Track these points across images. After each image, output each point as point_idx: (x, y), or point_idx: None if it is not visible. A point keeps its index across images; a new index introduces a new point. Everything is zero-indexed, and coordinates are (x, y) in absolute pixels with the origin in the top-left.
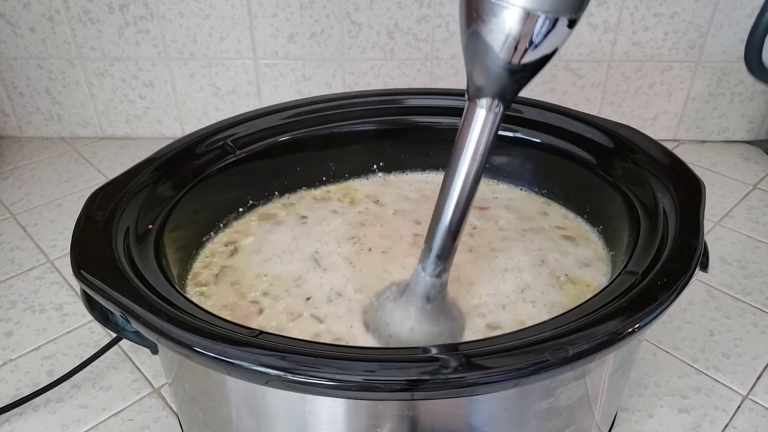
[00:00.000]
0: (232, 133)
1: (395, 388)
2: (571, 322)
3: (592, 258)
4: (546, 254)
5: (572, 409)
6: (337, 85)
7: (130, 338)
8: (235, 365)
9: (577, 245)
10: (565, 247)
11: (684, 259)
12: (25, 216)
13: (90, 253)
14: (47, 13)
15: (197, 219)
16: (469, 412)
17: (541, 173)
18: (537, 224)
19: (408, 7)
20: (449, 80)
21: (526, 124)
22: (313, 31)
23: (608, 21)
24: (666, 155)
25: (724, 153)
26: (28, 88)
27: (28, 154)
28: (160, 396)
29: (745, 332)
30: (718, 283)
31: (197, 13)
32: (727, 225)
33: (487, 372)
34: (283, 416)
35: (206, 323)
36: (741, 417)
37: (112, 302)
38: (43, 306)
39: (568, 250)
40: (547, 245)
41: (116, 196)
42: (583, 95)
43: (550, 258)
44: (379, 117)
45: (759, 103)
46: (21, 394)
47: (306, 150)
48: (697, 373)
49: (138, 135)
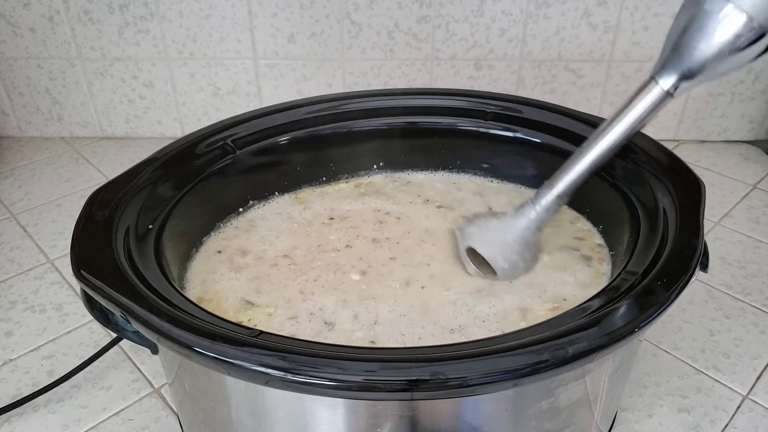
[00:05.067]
0: (232, 133)
1: (395, 388)
2: (571, 322)
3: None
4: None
5: (572, 409)
6: (337, 85)
7: (130, 338)
8: (235, 365)
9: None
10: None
11: (684, 259)
12: (25, 216)
13: (90, 253)
14: (47, 13)
15: (197, 219)
16: (469, 412)
17: (541, 173)
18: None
19: (408, 7)
20: (449, 80)
21: (526, 124)
22: (313, 31)
23: (608, 21)
24: (666, 155)
25: (724, 153)
26: (28, 88)
27: (28, 154)
28: (160, 396)
29: (745, 332)
30: (718, 283)
31: (197, 13)
32: (727, 225)
33: (487, 372)
34: (283, 416)
35: (206, 323)
36: (741, 417)
37: (112, 302)
38: (43, 306)
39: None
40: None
41: (116, 196)
42: (583, 95)
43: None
44: (379, 117)
45: (759, 103)
46: (21, 394)
47: (306, 150)
48: (697, 373)
49: (138, 135)
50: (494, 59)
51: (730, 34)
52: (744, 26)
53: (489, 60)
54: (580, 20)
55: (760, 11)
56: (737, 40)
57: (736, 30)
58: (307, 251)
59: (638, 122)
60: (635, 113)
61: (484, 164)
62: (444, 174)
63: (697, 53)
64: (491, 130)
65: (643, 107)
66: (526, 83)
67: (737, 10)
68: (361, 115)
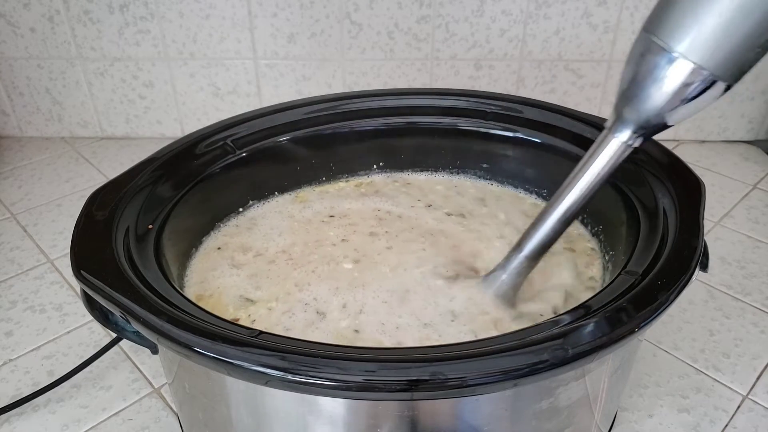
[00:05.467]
0: (232, 133)
1: (395, 388)
2: (571, 322)
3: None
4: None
5: (572, 409)
6: (337, 85)
7: (130, 338)
8: (234, 365)
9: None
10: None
11: (684, 259)
12: (25, 216)
13: (90, 253)
14: (47, 13)
15: (197, 219)
16: (469, 412)
17: (541, 173)
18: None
19: (408, 7)
20: (449, 80)
21: (526, 124)
22: (313, 31)
23: (608, 21)
24: (666, 155)
25: (724, 153)
26: (28, 88)
27: (28, 154)
28: (160, 396)
29: (745, 332)
30: (718, 283)
31: (197, 13)
32: (727, 225)
33: (487, 372)
34: (283, 416)
35: (206, 323)
36: (741, 417)
37: (112, 302)
38: (43, 306)
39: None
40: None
41: (116, 196)
42: (583, 95)
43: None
44: (379, 117)
45: (759, 103)
46: (21, 394)
47: (306, 150)
48: (697, 373)
49: (138, 135)
50: (494, 59)
51: (679, 84)
52: (692, 75)
53: (489, 60)
54: (580, 20)
55: (708, 60)
56: (687, 89)
57: (685, 79)
58: (304, 246)
59: (601, 176)
60: (596, 168)
61: (484, 164)
62: (444, 175)
63: (649, 104)
64: (491, 130)
65: (603, 162)
66: (526, 83)
67: (684, 60)
68: (361, 115)
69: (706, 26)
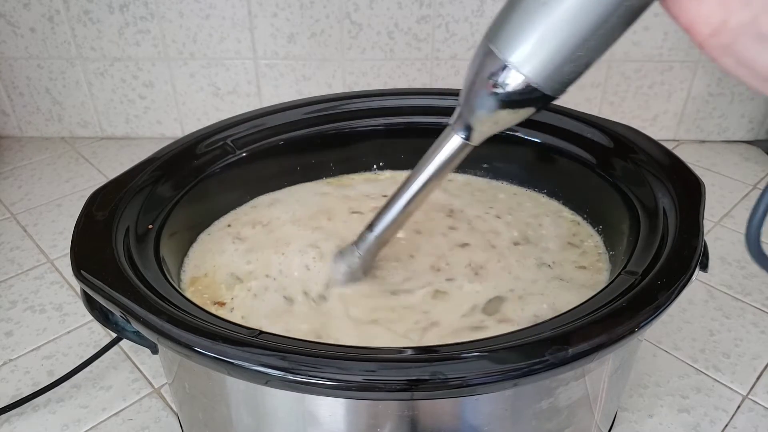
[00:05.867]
0: (232, 133)
1: (395, 388)
2: (571, 322)
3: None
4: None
5: (572, 408)
6: (337, 85)
7: (130, 338)
8: (235, 365)
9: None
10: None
11: (684, 259)
12: (25, 216)
13: (90, 253)
14: (47, 13)
15: (197, 219)
16: (469, 412)
17: (541, 173)
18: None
19: (408, 7)
20: (449, 80)
21: (526, 124)
22: (313, 31)
23: None
24: (666, 155)
25: (724, 153)
26: (28, 88)
27: (28, 154)
28: (160, 396)
29: (745, 332)
30: (718, 283)
31: (197, 13)
32: (727, 225)
33: (487, 372)
34: (283, 416)
35: (206, 323)
36: (741, 417)
37: (112, 302)
38: (43, 306)
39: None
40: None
41: (116, 196)
42: (583, 95)
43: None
44: (379, 117)
45: (759, 103)
46: (21, 394)
47: (306, 150)
48: (697, 373)
49: (138, 135)
50: None
51: (507, 92)
52: (521, 86)
53: None
54: None
55: (538, 74)
56: (513, 97)
57: (514, 88)
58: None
59: (441, 169)
60: (437, 161)
61: (484, 164)
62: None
63: (477, 107)
64: None
65: (444, 156)
66: None
67: (514, 71)
68: (361, 115)
69: (530, 38)
